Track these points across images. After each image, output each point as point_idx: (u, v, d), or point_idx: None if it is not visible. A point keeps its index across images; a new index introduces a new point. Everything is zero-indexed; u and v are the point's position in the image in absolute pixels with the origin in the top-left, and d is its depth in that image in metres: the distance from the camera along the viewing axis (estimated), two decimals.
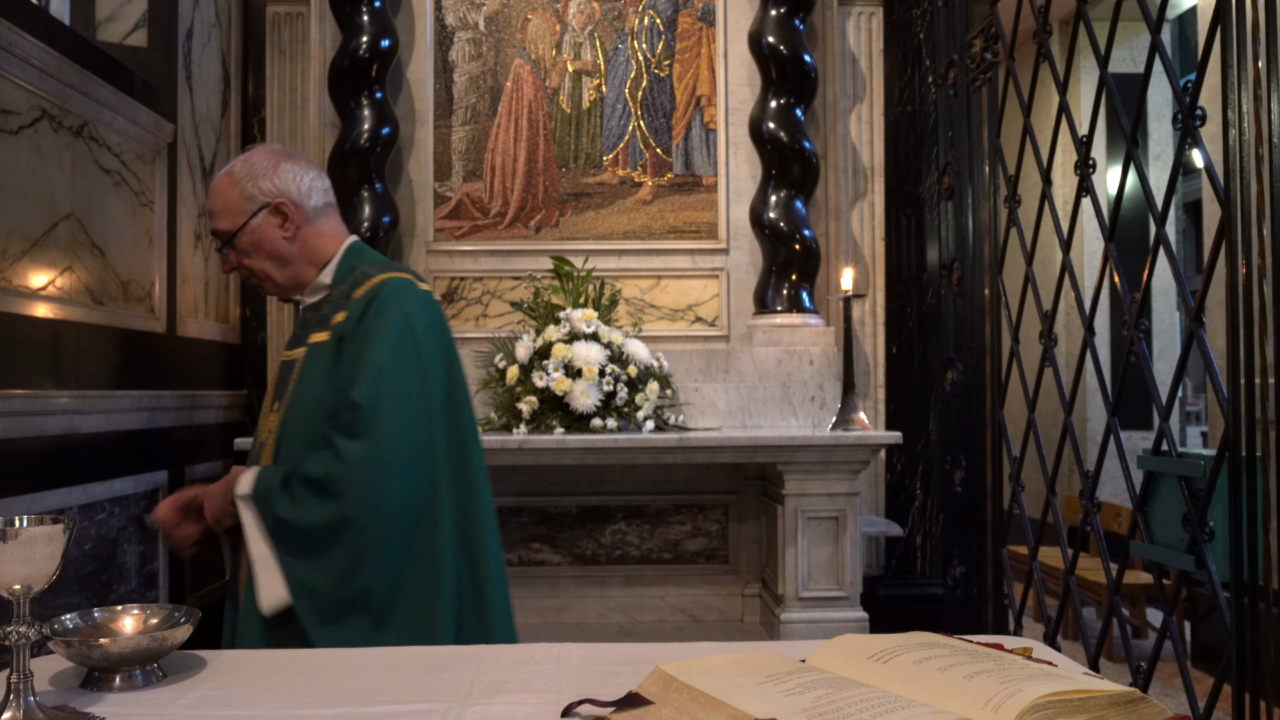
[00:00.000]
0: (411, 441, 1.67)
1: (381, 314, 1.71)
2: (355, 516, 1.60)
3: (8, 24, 2.60)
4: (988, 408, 3.12)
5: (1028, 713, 0.87)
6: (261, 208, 1.80)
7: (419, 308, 1.76)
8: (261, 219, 1.79)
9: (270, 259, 1.82)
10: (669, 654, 1.21)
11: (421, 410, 1.70)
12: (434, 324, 1.80)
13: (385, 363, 1.67)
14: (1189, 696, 2.18)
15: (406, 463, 1.66)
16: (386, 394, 1.66)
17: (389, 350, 1.69)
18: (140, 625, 1.26)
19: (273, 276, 1.83)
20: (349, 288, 1.78)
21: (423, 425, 1.69)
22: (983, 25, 3.09)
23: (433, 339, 1.77)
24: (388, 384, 1.67)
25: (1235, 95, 2.02)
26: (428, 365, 1.73)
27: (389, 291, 1.73)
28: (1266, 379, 1.96)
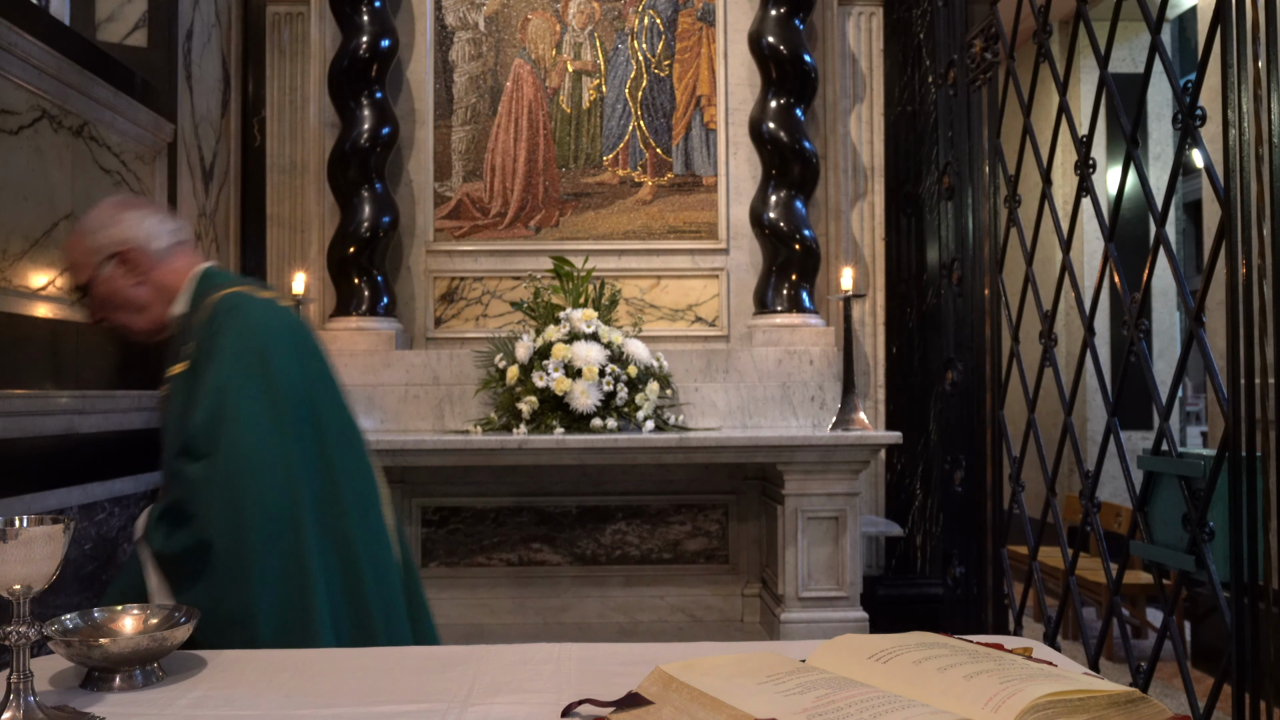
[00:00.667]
0: (258, 454, 1.64)
1: (219, 331, 1.72)
2: (211, 537, 1.58)
3: (8, 24, 2.60)
4: (988, 408, 3.12)
5: (1028, 713, 0.87)
6: (107, 259, 1.81)
7: (260, 317, 1.76)
8: (108, 270, 1.81)
9: (125, 308, 1.83)
10: (669, 654, 1.21)
11: (269, 422, 1.67)
12: (280, 330, 1.79)
13: (224, 380, 1.67)
14: (1189, 696, 2.18)
15: (255, 476, 1.62)
16: (227, 412, 1.64)
17: (228, 366, 1.68)
18: (140, 625, 1.26)
19: (131, 325, 1.85)
20: (196, 314, 1.80)
21: (271, 437, 1.66)
22: (983, 25, 3.09)
23: (280, 346, 1.75)
24: (228, 400, 1.65)
25: (1235, 95, 2.02)
26: (275, 375, 1.70)
27: (225, 307, 1.75)
28: (1266, 379, 1.96)
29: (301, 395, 1.74)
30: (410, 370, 4.18)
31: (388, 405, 4.15)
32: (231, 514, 1.59)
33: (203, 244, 4.05)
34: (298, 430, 1.70)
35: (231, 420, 1.63)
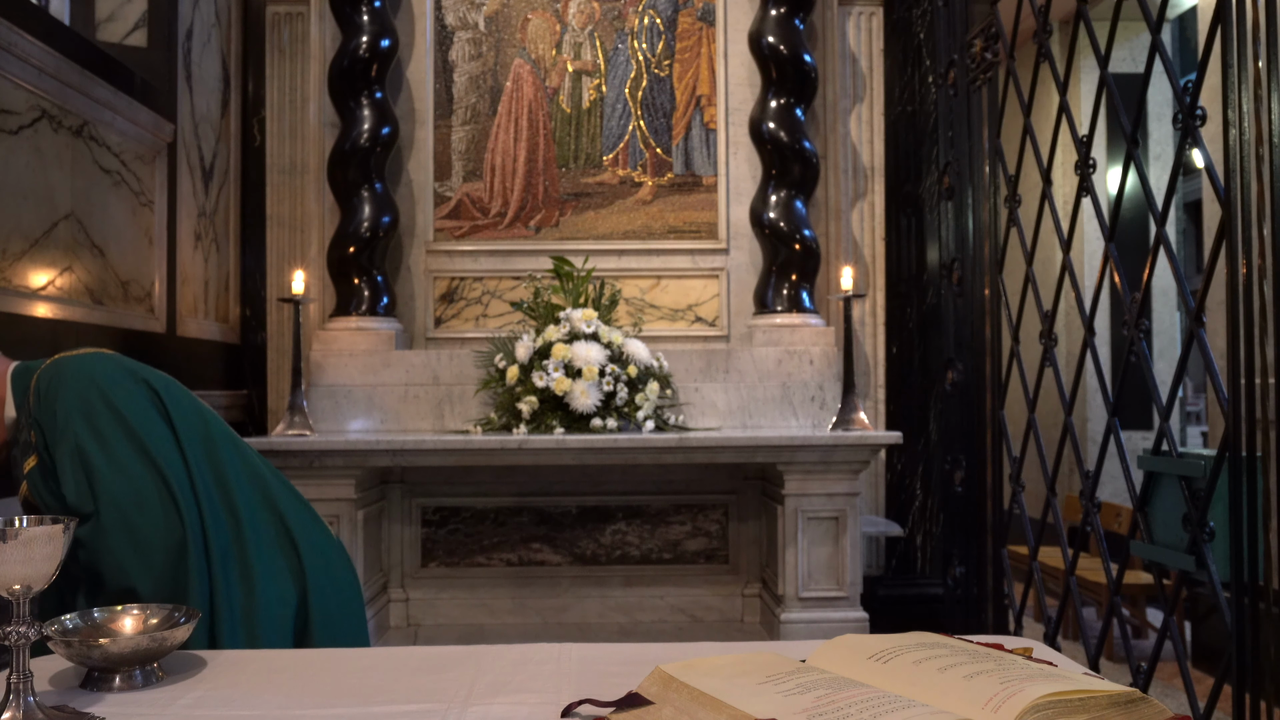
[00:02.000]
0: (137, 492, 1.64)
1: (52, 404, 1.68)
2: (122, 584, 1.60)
3: (8, 24, 2.60)
4: (988, 408, 3.12)
5: (1028, 713, 0.87)
6: None
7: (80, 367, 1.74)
8: None
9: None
10: (669, 654, 1.21)
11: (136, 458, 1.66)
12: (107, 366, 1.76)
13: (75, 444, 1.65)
14: (1189, 696, 2.18)
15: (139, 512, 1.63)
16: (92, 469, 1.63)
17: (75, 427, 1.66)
18: (140, 625, 1.26)
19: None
20: (25, 404, 1.74)
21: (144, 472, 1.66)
22: (983, 25, 3.09)
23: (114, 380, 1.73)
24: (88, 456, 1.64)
25: (1235, 95, 2.02)
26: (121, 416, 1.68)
27: (45, 383, 1.71)
28: (1266, 379, 1.96)
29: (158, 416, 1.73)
30: (410, 370, 4.18)
31: (388, 405, 4.15)
32: (136, 556, 1.60)
33: (203, 244, 4.06)
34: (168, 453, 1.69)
35: (98, 473, 1.62)
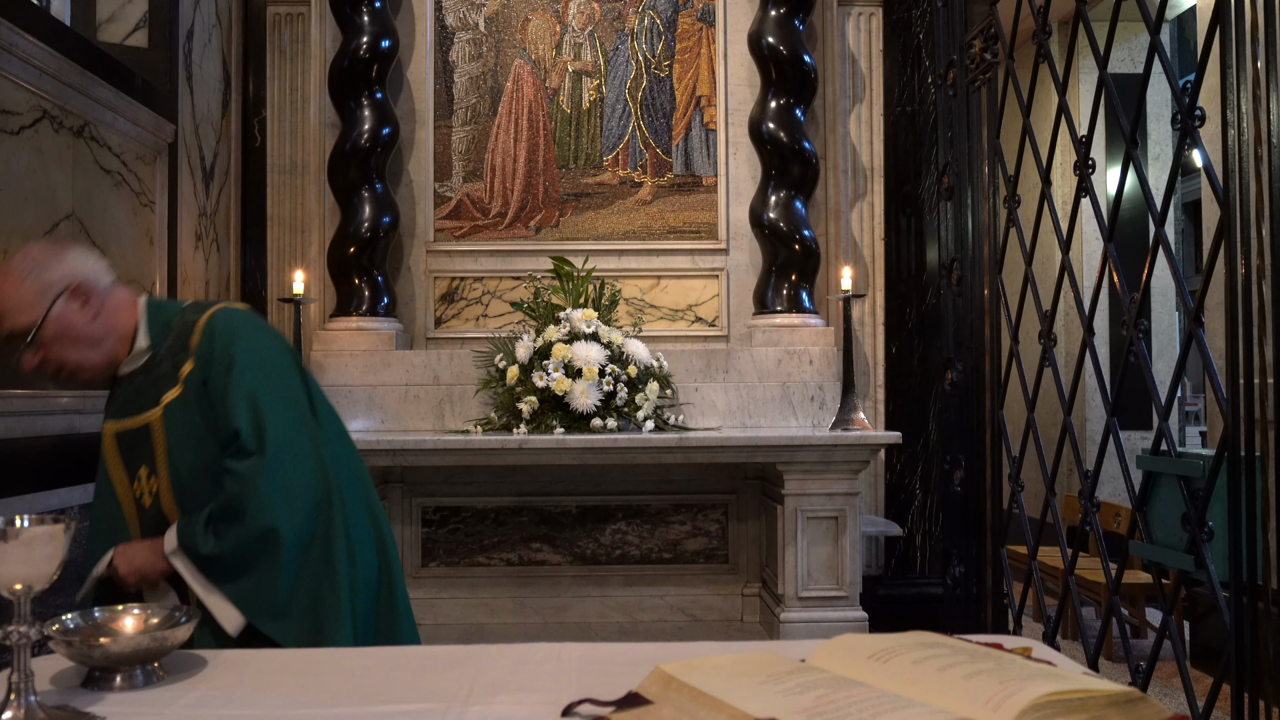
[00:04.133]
0: (293, 445, 1.79)
1: (229, 344, 1.80)
2: (271, 523, 1.72)
3: (9, 25, 2.60)
4: (987, 408, 3.12)
5: (1027, 712, 0.87)
6: (59, 294, 1.76)
7: (256, 326, 1.89)
8: (62, 305, 1.76)
9: (79, 344, 1.79)
10: (669, 654, 1.21)
11: (296, 415, 1.82)
12: (269, 333, 1.93)
13: (252, 384, 1.78)
14: (1188, 696, 2.18)
15: (296, 464, 1.78)
16: (262, 412, 1.76)
17: (250, 372, 1.79)
18: (141, 625, 1.26)
19: (85, 362, 1.81)
20: (177, 339, 1.83)
21: (303, 429, 1.82)
22: (982, 25, 3.09)
23: (276, 347, 1.89)
24: (261, 402, 1.77)
25: (1234, 95, 2.02)
26: (285, 373, 1.85)
27: (221, 323, 1.83)
28: (1265, 379, 1.96)
29: (304, 391, 1.89)
30: (410, 370, 4.18)
31: (388, 405, 4.15)
32: (286, 501, 1.74)
33: (203, 244, 4.06)
34: (310, 421, 1.85)
35: (268, 419, 1.76)
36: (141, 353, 1.86)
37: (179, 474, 1.79)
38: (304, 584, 1.75)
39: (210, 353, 1.79)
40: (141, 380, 1.84)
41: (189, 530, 1.75)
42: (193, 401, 1.79)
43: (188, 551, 1.74)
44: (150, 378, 1.83)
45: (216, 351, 1.79)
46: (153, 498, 1.81)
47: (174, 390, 1.80)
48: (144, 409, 1.82)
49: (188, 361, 1.80)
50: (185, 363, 1.80)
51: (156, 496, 1.81)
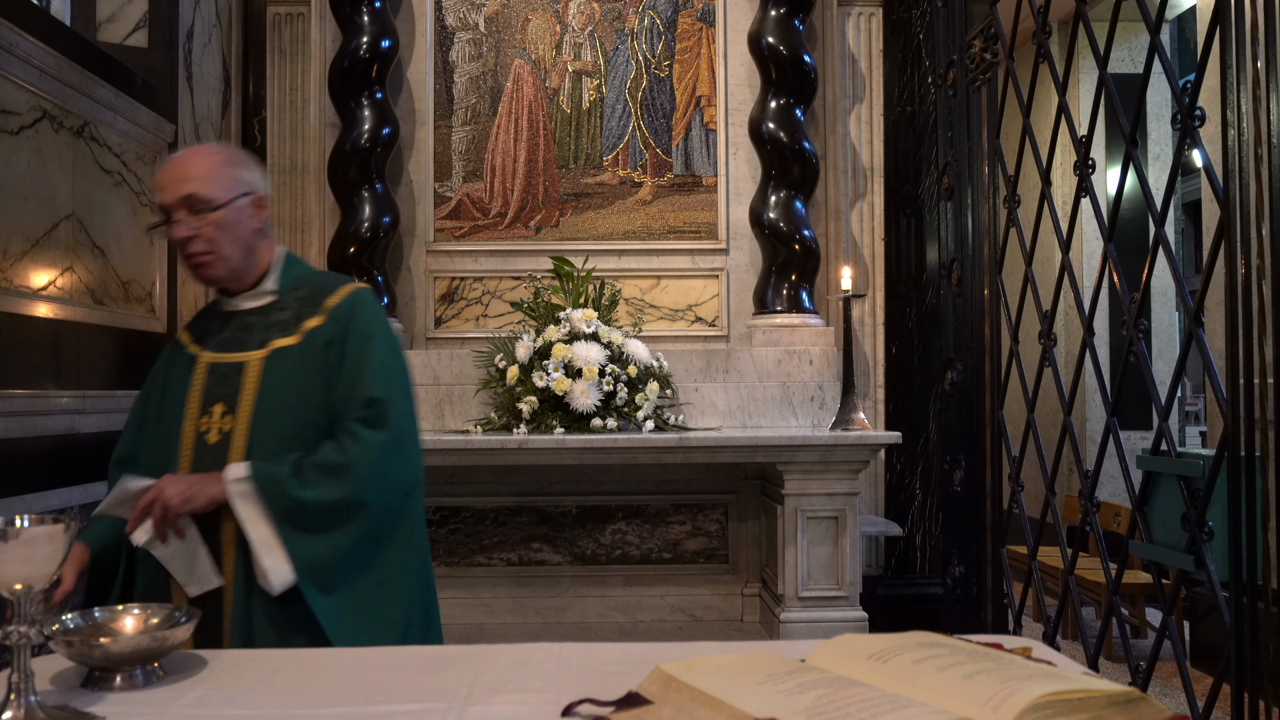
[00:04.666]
0: (411, 432, 1.85)
1: (371, 320, 1.85)
2: (367, 496, 1.73)
3: (9, 25, 2.60)
4: (987, 408, 3.12)
5: (1027, 712, 0.87)
6: (246, 193, 1.83)
7: (384, 315, 1.95)
8: (244, 202, 1.82)
9: (235, 242, 1.82)
10: (669, 654, 1.21)
11: (412, 407, 1.88)
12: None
13: (389, 362, 1.83)
14: (1188, 696, 2.18)
15: (408, 451, 1.83)
16: (395, 390, 1.81)
17: (389, 352, 1.84)
18: (141, 625, 1.26)
19: (230, 259, 1.82)
20: (311, 295, 1.86)
21: (415, 419, 1.89)
22: (982, 25, 3.09)
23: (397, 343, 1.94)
24: (394, 381, 1.82)
25: (1234, 95, 2.02)
26: (406, 366, 1.91)
27: (368, 301, 1.88)
28: (1265, 379, 1.96)
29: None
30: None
31: None
32: (389, 483, 1.77)
33: None
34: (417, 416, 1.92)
35: (398, 399, 1.81)
36: (265, 293, 1.87)
37: (262, 419, 1.77)
38: (368, 573, 1.74)
39: (349, 318, 1.83)
40: (254, 320, 1.85)
41: (268, 467, 1.72)
42: (306, 356, 1.80)
43: (261, 483, 1.70)
44: (265, 320, 1.85)
45: (359, 320, 1.83)
46: (221, 435, 1.77)
47: (289, 339, 1.82)
48: (247, 348, 1.83)
49: (315, 317, 1.83)
50: (312, 318, 1.83)
51: (227, 436, 1.77)
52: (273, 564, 1.68)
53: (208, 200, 1.77)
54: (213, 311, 1.93)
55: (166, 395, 1.86)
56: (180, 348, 1.91)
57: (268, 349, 1.81)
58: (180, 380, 1.85)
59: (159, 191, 1.81)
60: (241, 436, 1.76)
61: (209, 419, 1.79)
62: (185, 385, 1.83)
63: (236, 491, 1.70)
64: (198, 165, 1.80)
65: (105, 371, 3.16)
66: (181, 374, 1.85)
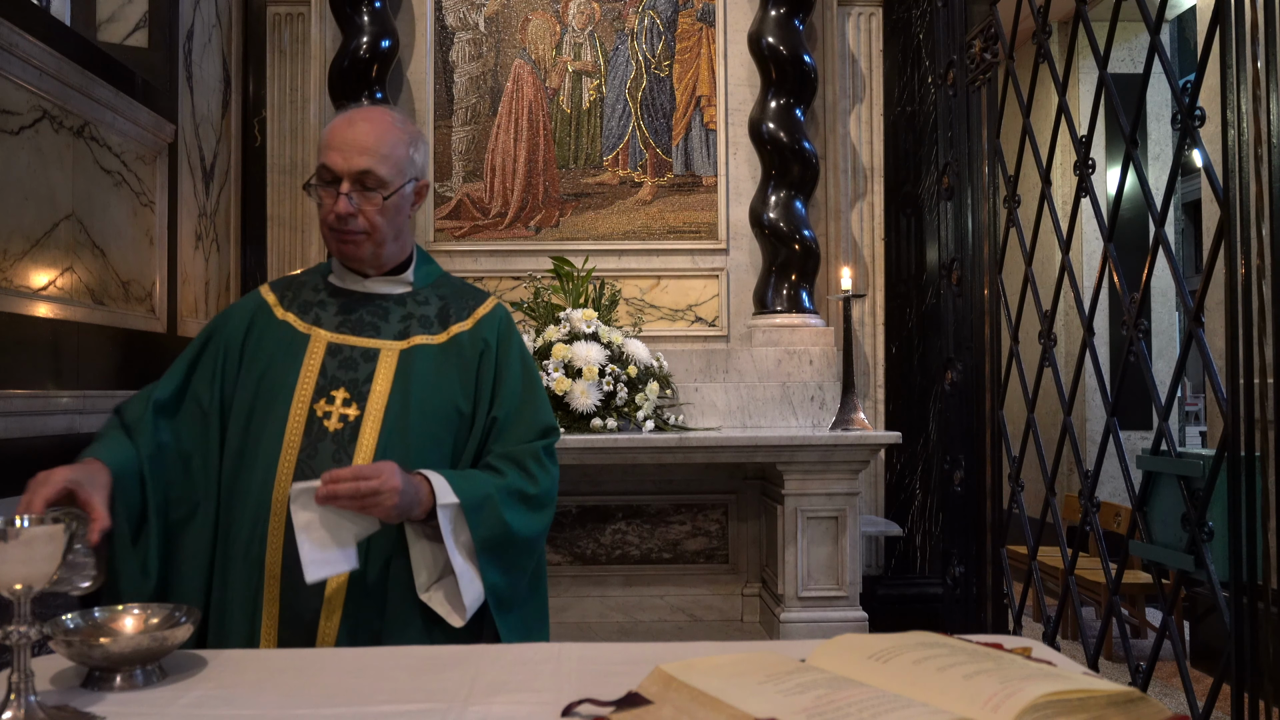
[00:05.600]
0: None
1: (522, 342, 1.82)
2: (544, 529, 1.73)
3: (9, 24, 2.60)
4: (987, 408, 3.12)
5: (1027, 712, 0.87)
6: (415, 179, 1.72)
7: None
8: (411, 189, 1.72)
9: (393, 226, 1.70)
10: (669, 654, 1.21)
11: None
12: None
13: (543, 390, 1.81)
14: (1188, 696, 2.18)
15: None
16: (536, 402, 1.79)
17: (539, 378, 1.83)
18: (141, 625, 1.26)
19: (383, 243, 1.70)
20: (457, 297, 1.80)
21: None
22: (982, 25, 3.09)
23: None
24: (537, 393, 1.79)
25: (1234, 95, 2.02)
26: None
27: (513, 320, 1.84)
28: (1265, 379, 1.96)
29: None
30: None
31: None
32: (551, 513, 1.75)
33: (203, 244, 4.06)
34: None
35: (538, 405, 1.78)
36: (403, 282, 1.77)
37: (394, 413, 1.65)
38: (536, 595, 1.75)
39: (503, 333, 1.78)
40: (389, 307, 1.74)
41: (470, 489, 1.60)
42: (449, 358, 1.72)
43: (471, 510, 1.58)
44: (402, 310, 1.74)
45: (515, 338, 1.79)
46: (343, 424, 1.64)
47: (432, 336, 1.73)
48: (382, 335, 1.72)
49: (465, 322, 1.76)
50: (461, 321, 1.76)
51: (352, 426, 1.64)
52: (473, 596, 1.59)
53: (383, 182, 1.65)
54: (320, 285, 1.78)
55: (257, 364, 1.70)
56: (271, 316, 1.75)
57: (408, 342, 1.71)
58: (285, 355, 1.69)
59: (329, 151, 1.65)
60: (372, 429, 1.64)
61: (328, 404, 1.65)
62: (294, 362, 1.68)
63: (448, 517, 1.58)
64: (382, 139, 1.66)
65: (105, 371, 3.16)
66: (284, 348, 1.70)
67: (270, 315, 1.74)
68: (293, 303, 1.76)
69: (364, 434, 1.64)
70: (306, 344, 1.70)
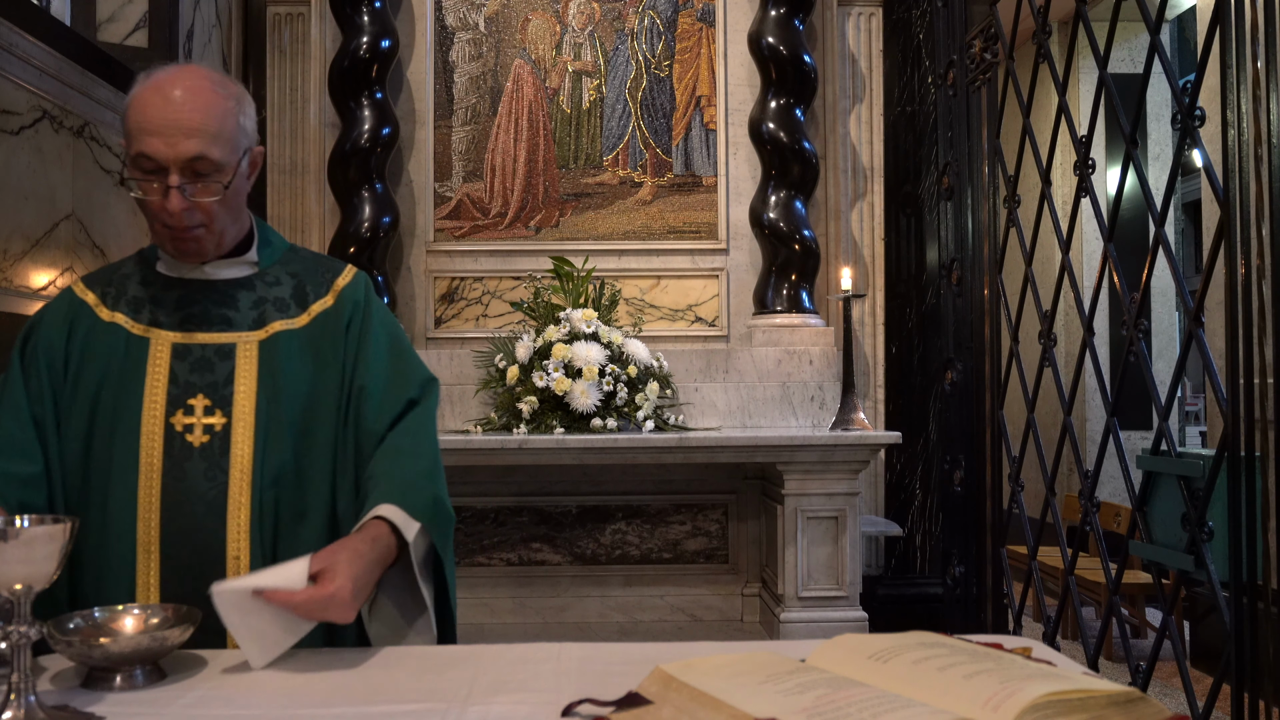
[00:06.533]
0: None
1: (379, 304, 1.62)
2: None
3: (9, 25, 2.60)
4: (987, 408, 3.12)
5: (1027, 712, 0.87)
6: (248, 149, 1.46)
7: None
8: (246, 163, 1.46)
9: (232, 211, 1.46)
10: (669, 654, 1.21)
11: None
12: None
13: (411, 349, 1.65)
14: (1188, 696, 2.18)
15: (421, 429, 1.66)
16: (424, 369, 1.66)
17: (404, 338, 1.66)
18: (141, 625, 1.26)
19: (226, 232, 1.47)
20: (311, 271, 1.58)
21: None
22: (982, 25, 3.09)
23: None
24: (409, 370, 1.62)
25: (1234, 95, 2.02)
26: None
27: (366, 283, 1.63)
28: (1265, 379, 1.96)
29: None
30: None
31: None
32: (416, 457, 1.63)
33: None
34: None
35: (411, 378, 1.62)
36: (246, 263, 1.53)
37: (269, 415, 1.45)
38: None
39: (366, 300, 1.58)
40: (237, 294, 1.51)
41: (418, 497, 1.46)
42: (317, 341, 1.52)
43: (433, 525, 1.46)
44: (251, 295, 1.51)
45: (371, 303, 1.58)
46: (210, 436, 1.42)
47: (293, 320, 1.52)
48: (234, 327, 1.49)
49: (326, 298, 1.55)
50: (321, 298, 1.55)
51: (223, 436, 1.43)
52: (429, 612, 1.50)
53: (219, 166, 1.39)
54: (149, 277, 1.52)
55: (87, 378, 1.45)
56: (95, 318, 1.48)
57: (266, 330, 1.50)
58: (122, 364, 1.45)
59: (146, 136, 1.36)
60: (244, 437, 1.43)
61: (187, 415, 1.43)
62: (135, 371, 1.45)
63: (417, 548, 1.43)
64: (209, 114, 1.38)
65: None
66: (119, 356, 1.45)
67: (93, 317, 1.48)
68: (119, 300, 1.50)
69: (236, 444, 1.43)
70: (147, 348, 1.46)
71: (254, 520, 1.43)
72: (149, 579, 1.40)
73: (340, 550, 1.30)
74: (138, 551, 1.40)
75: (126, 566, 1.39)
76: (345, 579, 1.24)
